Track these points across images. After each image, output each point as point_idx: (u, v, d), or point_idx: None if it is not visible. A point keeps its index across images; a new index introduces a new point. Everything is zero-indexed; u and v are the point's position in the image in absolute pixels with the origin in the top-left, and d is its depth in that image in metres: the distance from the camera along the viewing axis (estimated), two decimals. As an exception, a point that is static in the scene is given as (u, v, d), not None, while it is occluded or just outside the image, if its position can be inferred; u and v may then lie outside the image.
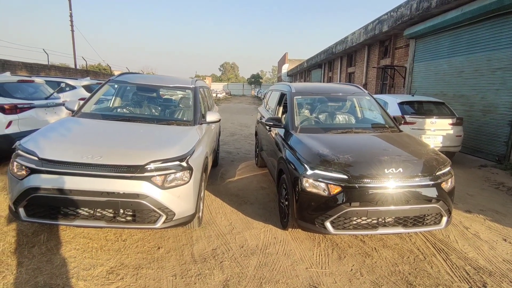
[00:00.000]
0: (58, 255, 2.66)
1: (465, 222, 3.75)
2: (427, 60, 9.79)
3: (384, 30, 11.67)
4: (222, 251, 2.94)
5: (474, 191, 4.97)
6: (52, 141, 2.76)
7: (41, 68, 14.27)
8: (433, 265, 2.83)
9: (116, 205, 2.56)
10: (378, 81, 14.00)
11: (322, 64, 24.60)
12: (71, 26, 23.94)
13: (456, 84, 8.27)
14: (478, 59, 7.46)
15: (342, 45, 17.26)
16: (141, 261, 2.66)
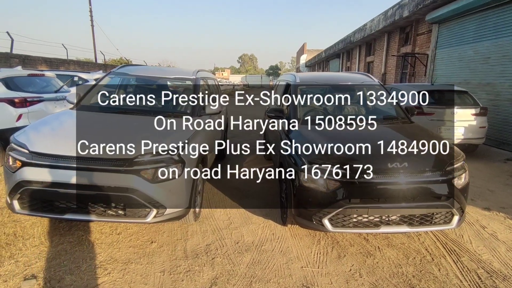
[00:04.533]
0: (51, 248, 2.67)
1: (482, 221, 3.46)
2: (451, 46, 9.17)
3: (404, 15, 11.04)
4: (216, 247, 2.85)
5: (496, 186, 4.60)
6: (43, 134, 2.75)
7: (61, 63, 14.69)
8: (441, 267, 2.61)
9: (106, 199, 2.52)
10: (398, 70, 13.35)
11: (340, 54, 23.84)
12: (91, 21, 24.50)
13: (482, 72, 7.68)
14: (507, 44, 6.86)
15: (360, 33, 16.58)
16: (131, 256, 2.62)
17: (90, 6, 24.36)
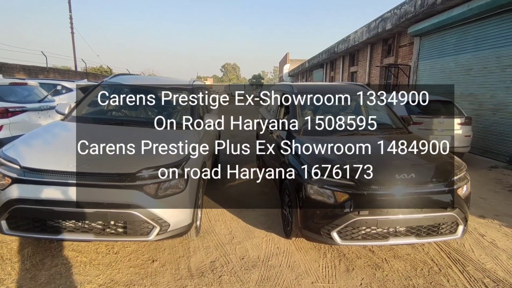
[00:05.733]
0: (43, 271, 2.46)
1: (480, 229, 3.52)
2: (433, 58, 9.54)
3: (387, 28, 11.43)
4: (221, 263, 2.73)
5: (487, 194, 4.73)
6: (35, 148, 2.57)
7: (40, 71, 14.12)
8: (450, 278, 2.60)
9: (105, 217, 2.36)
10: (382, 80, 13.75)
11: (324, 63, 24.35)
12: (71, 29, 23.88)
13: (464, 82, 8.02)
14: (487, 56, 7.21)
15: (344, 44, 17.02)
16: (133, 277, 2.46)
17: (70, 13, 23.79)
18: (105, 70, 32.48)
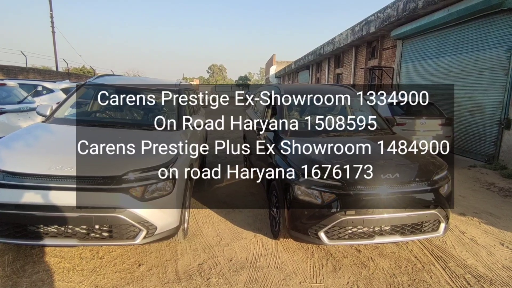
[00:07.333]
0: (24, 278, 2.37)
1: (461, 226, 3.64)
2: (415, 60, 9.81)
3: (371, 31, 11.68)
4: (209, 266, 2.72)
5: (466, 192, 4.90)
6: (16, 150, 2.48)
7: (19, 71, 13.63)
8: (433, 274, 2.68)
9: (89, 221, 2.31)
10: (366, 82, 14.02)
11: (309, 65, 24.62)
12: (52, 28, 23.17)
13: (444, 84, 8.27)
14: (466, 60, 7.48)
15: (329, 46, 17.27)
16: (118, 282, 2.41)
17: (51, 12, 23.07)
18: (88, 70, 31.66)
